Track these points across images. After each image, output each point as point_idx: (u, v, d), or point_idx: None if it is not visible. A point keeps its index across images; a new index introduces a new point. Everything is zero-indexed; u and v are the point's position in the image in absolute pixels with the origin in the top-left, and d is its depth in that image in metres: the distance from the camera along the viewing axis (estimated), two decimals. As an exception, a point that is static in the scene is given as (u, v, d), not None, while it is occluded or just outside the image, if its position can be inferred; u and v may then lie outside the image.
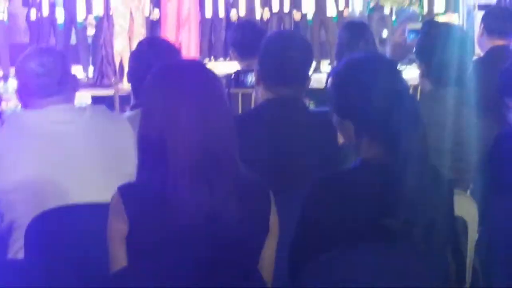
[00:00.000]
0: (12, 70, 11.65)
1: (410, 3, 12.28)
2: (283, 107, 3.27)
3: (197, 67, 2.39)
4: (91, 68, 12.57)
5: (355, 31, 4.99)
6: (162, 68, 2.38)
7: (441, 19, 11.79)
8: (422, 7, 12.38)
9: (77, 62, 11.87)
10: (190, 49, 9.44)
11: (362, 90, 2.40)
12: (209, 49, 14.80)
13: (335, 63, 5.01)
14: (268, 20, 14.16)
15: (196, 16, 10.48)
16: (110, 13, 10.10)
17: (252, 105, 4.64)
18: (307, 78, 3.39)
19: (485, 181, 3.36)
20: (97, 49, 12.81)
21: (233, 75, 4.94)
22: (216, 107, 2.29)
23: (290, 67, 3.28)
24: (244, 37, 5.06)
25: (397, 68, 2.54)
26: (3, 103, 8.73)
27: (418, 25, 11.95)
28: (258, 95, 3.41)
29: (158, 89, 2.31)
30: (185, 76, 2.31)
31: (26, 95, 3.19)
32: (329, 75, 2.65)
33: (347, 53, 4.17)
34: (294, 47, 3.32)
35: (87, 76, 11.78)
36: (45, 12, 12.12)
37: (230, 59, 5.23)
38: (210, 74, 2.35)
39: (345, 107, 2.47)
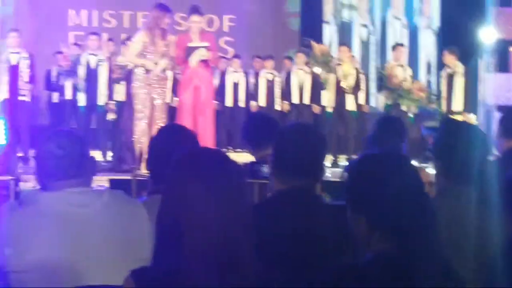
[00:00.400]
0: (32, 152, 11.78)
1: (429, 102, 12.36)
2: (295, 199, 3.27)
3: (219, 156, 2.41)
4: (109, 153, 12.69)
5: (389, 126, 4.99)
6: (184, 155, 2.40)
7: (458, 118, 11.85)
8: (440, 106, 12.45)
9: (97, 146, 11.99)
10: (206, 137, 9.48)
11: (376, 186, 2.42)
12: (228, 138, 14.92)
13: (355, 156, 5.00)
14: (288, 112, 14.29)
15: (212, 105, 10.59)
16: (132, 99, 10.19)
17: (267, 196, 4.65)
18: (321, 170, 3.40)
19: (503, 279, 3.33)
20: (117, 134, 12.95)
21: (248, 166, 4.95)
22: (235, 197, 2.31)
23: (303, 159, 3.29)
24: (257, 129, 5.10)
25: (413, 165, 2.55)
26: (21, 184, 8.80)
27: (435, 123, 12.03)
28: (273, 186, 3.42)
29: (179, 176, 2.33)
30: (206, 164, 2.33)
31: (44, 176, 3.21)
32: (345, 169, 2.66)
33: (377, 146, 4.18)
34: (307, 139, 3.34)
35: (105, 160, 11.85)
36: (67, 95, 12.29)
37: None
38: (231, 164, 2.38)
39: (359, 201, 2.48)
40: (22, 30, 12.78)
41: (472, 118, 12.25)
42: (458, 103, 12.22)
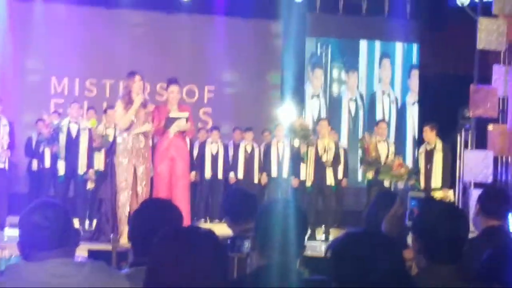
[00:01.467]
0: (9, 219, 11.71)
1: (408, 178, 12.44)
2: (275, 275, 3.30)
3: (203, 234, 2.45)
4: (87, 222, 12.64)
5: (387, 200, 5.03)
6: (170, 232, 2.45)
7: (437, 194, 11.92)
8: (419, 183, 12.53)
9: (74, 214, 11.93)
10: (181, 209, 9.50)
11: (359, 267, 2.47)
12: (206, 210, 14.92)
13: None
14: (265, 185, 14.33)
15: (188, 177, 10.65)
16: (112, 169, 10.21)
17: (247, 270, 4.66)
18: (302, 247, 3.45)
19: None
20: (95, 203, 12.92)
21: (229, 240, 4.99)
22: (218, 273, 2.35)
23: (284, 236, 3.33)
24: (236, 204, 5.16)
25: (395, 244, 2.60)
26: (-2, 252, 8.72)
27: (420, 194, 12.07)
28: (253, 261, 3.45)
29: (165, 252, 2.36)
30: (192, 242, 2.37)
31: (27, 246, 3.21)
32: (329, 246, 2.70)
33: (375, 220, 4.23)
34: (289, 216, 3.39)
35: (83, 229, 11.79)
36: (47, 163, 12.27)
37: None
38: (215, 241, 2.42)
39: (341, 278, 2.52)
40: (4, 96, 12.81)
41: (450, 194, 12.32)
42: (437, 179, 12.32)
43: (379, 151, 12.74)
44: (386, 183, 12.61)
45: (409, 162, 15.10)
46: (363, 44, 17.54)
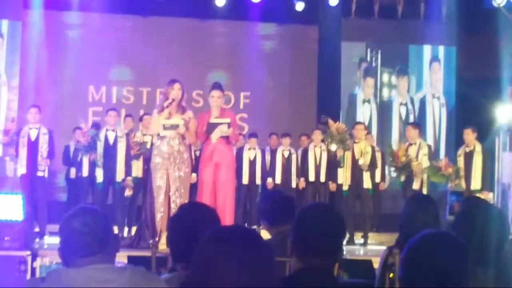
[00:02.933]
0: (48, 227, 11.82)
1: (456, 177, 12.32)
2: (313, 279, 3.29)
3: (249, 234, 2.44)
4: (126, 229, 12.72)
5: (419, 204, 5.00)
6: (215, 232, 2.44)
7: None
8: (460, 186, 12.43)
9: (113, 221, 11.99)
10: (225, 215, 9.50)
11: (432, 267, 2.50)
12: (244, 215, 14.92)
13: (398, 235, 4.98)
14: (303, 189, 14.31)
15: (232, 182, 10.60)
16: (150, 176, 10.26)
17: (287, 274, 4.66)
18: (340, 251, 3.44)
19: None
20: (134, 210, 12.99)
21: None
22: (264, 275, 2.34)
23: (322, 240, 3.32)
24: (273, 207, 5.14)
25: (464, 247, 2.63)
26: (38, 259, 8.81)
27: (460, 188, 12.02)
28: (292, 265, 3.44)
29: (209, 253, 2.35)
30: (237, 242, 2.36)
31: (68, 253, 3.24)
32: (406, 247, 2.73)
33: (410, 225, 4.23)
34: (327, 221, 3.38)
35: (122, 236, 11.86)
36: (85, 171, 12.36)
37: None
38: (261, 242, 2.41)
39: (414, 279, 2.56)
40: (43, 105, 12.94)
41: (490, 197, 12.22)
42: (476, 182, 12.22)
43: (410, 155, 12.66)
44: (416, 186, 12.51)
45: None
46: (412, 48, 17.48)
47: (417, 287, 2.55)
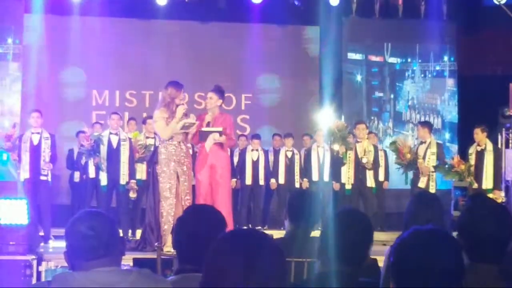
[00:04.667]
0: (53, 231, 11.84)
1: (469, 174, 12.31)
2: (336, 284, 3.28)
3: (259, 236, 2.45)
4: (130, 231, 12.72)
5: (423, 202, 4.99)
6: (226, 235, 2.45)
7: (490, 196, 11.80)
8: (472, 183, 12.41)
9: (117, 224, 11.99)
10: (224, 215, 9.51)
11: (421, 264, 2.49)
12: (247, 216, 14.94)
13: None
14: (306, 189, 14.32)
15: (228, 183, 10.64)
16: (154, 179, 10.26)
17: (304, 275, 4.64)
18: (366, 256, 3.43)
19: None
20: (138, 213, 13.00)
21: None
22: (274, 276, 2.35)
23: (348, 247, 3.32)
24: (300, 207, 5.10)
25: (458, 245, 2.62)
26: (44, 263, 8.83)
27: (464, 183, 12.02)
28: (316, 267, 3.43)
29: (220, 254, 2.36)
30: (248, 243, 2.37)
31: (74, 256, 3.24)
32: (394, 245, 2.72)
33: (414, 224, 4.22)
34: (354, 225, 3.38)
35: (127, 239, 11.87)
36: (90, 174, 12.37)
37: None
38: (271, 243, 2.42)
39: (402, 278, 2.55)
40: (45, 109, 12.94)
41: (502, 195, 12.21)
42: (488, 180, 12.20)
43: (419, 152, 12.64)
44: (422, 185, 12.48)
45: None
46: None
47: (407, 285, 2.54)
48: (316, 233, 4.21)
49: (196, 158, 10.52)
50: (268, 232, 5.07)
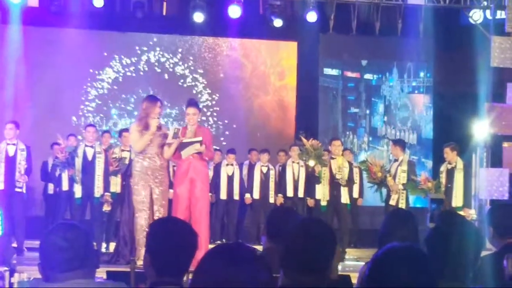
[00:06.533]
0: (26, 243, 11.77)
1: (436, 191, 12.38)
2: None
3: (249, 253, 2.47)
4: (104, 245, 12.67)
5: (398, 219, 5.01)
6: (215, 250, 2.47)
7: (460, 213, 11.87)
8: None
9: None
10: (201, 229, 9.49)
11: (396, 281, 2.52)
12: (221, 231, 14.94)
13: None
14: (281, 205, 14.33)
15: (207, 198, 10.63)
16: (128, 191, 10.25)
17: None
18: (329, 267, 3.40)
19: None
20: (112, 226, 12.95)
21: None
22: None
23: (311, 256, 3.30)
24: (278, 222, 5.10)
25: (426, 262, 2.64)
26: (16, 275, 8.78)
27: (441, 195, 12.09)
28: (280, 281, 3.41)
29: (210, 273, 2.37)
30: (237, 258, 2.39)
31: (48, 268, 3.24)
32: (369, 262, 2.74)
33: (388, 241, 4.25)
34: (316, 236, 3.36)
35: (100, 252, 11.81)
36: (64, 187, 12.30)
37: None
38: (261, 261, 2.44)
39: None
40: (21, 121, 12.87)
41: (473, 213, 12.27)
42: (458, 199, 12.25)
43: (391, 170, 12.69)
44: (392, 202, 12.53)
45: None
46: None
47: None
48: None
49: (175, 172, 10.51)
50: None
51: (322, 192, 13.20)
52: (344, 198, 13.06)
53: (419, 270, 2.57)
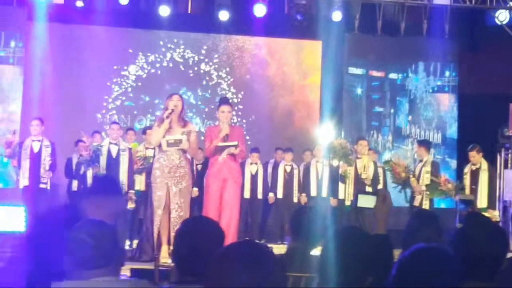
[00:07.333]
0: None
1: (456, 192, 12.31)
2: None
3: (260, 249, 2.46)
4: (127, 242, 12.69)
5: (422, 220, 4.99)
6: (229, 248, 2.46)
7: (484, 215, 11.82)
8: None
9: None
10: (229, 229, 9.49)
11: (423, 281, 2.51)
12: (245, 230, 14.90)
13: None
14: (305, 204, 14.29)
15: (238, 198, 10.56)
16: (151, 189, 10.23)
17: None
18: (369, 276, 3.40)
19: None
20: (136, 223, 12.97)
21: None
22: None
23: (349, 262, 3.30)
24: (301, 222, 5.11)
25: (452, 263, 2.64)
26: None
27: (470, 197, 12.03)
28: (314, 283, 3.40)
29: (223, 271, 2.37)
30: (248, 260, 2.38)
31: (73, 265, 3.24)
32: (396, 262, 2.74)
33: (412, 241, 4.23)
34: (356, 245, 3.37)
35: (124, 249, 11.83)
36: (89, 184, 12.33)
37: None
38: (273, 259, 2.43)
39: None
40: (46, 117, 12.93)
41: (496, 215, 12.20)
42: (482, 200, 12.18)
43: (416, 170, 12.65)
44: (416, 203, 12.46)
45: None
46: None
47: None
48: (317, 251, 4.21)
49: (208, 170, 10.41)
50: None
51: (346, 192, 13.15)
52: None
53: (445, 271, 2.57)
